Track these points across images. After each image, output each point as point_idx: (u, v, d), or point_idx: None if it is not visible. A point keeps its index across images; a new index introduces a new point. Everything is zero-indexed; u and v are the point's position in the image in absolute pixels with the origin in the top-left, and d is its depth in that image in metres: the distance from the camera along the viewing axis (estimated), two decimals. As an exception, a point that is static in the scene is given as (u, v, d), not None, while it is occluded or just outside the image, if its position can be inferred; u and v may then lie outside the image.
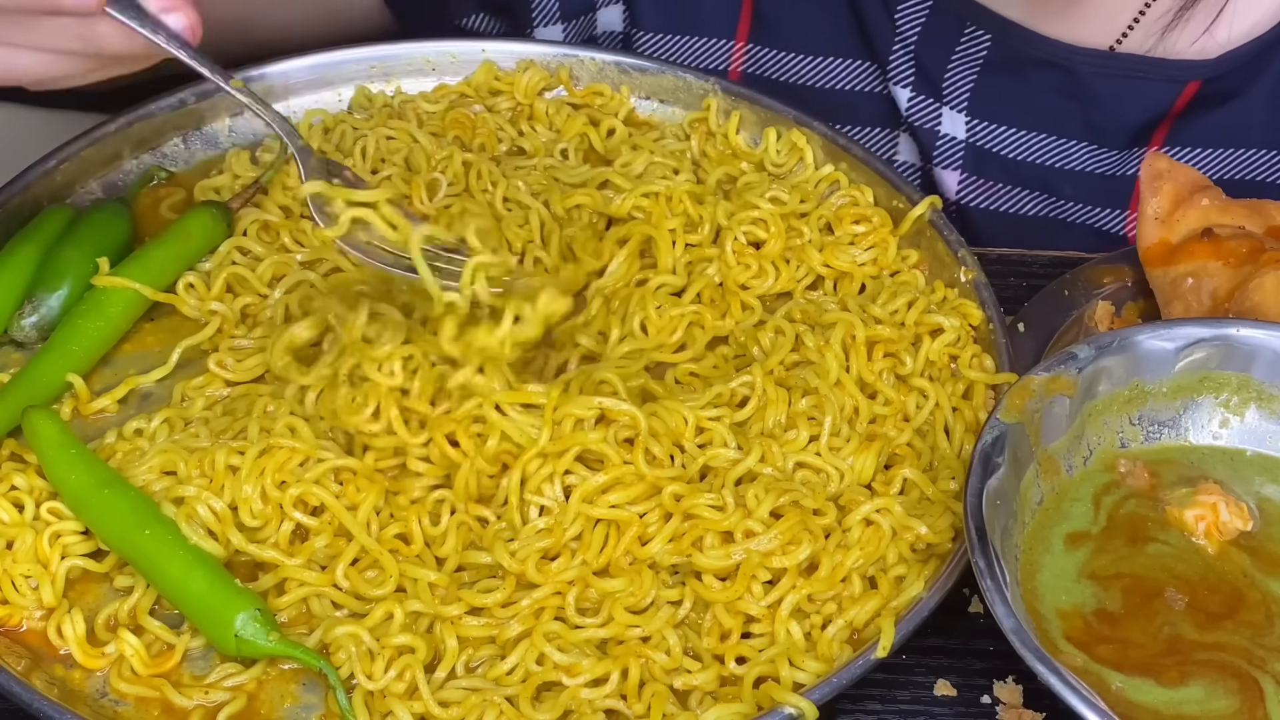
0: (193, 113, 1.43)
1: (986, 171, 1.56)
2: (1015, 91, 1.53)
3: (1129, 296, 1.36)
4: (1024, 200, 1.57)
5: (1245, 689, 1.05)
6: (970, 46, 1.52)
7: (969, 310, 1.31)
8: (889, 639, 1.10)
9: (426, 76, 1.50)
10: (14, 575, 1.13)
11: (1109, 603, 1.10)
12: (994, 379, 1.27)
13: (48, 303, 1.28)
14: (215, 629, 1.10)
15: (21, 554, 1.14)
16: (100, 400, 1.25)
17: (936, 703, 1.14)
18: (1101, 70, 1.49)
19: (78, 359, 1.25)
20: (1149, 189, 1.33)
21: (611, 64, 1.50)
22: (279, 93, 1.46)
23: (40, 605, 1.13)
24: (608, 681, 1.10)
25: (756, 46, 1.60)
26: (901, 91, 1.55)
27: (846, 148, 1.43)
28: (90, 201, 1.38)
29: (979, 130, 1.54)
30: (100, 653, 1.11)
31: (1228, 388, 1.20)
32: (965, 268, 1.34)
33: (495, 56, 1.50)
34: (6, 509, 1.15)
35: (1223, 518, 1.14)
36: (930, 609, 1.12)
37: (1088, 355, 1.17)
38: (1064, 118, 1.52)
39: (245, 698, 1.10)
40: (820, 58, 1.58)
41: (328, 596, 1.14)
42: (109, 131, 1.39)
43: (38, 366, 1.24)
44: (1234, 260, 1.27)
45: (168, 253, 1.32)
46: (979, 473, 1.10)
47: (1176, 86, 1.49)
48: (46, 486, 1.17)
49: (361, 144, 1.42)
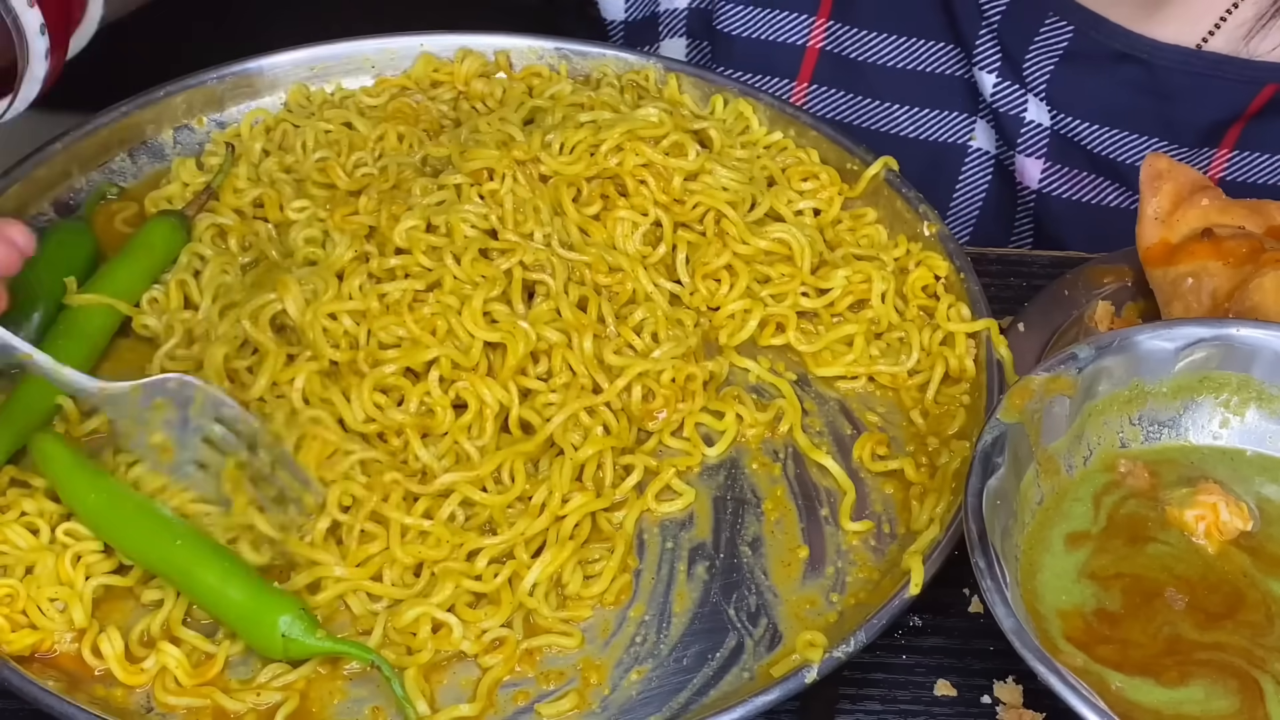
0: (135, 126, 1.43)
1: (1071, 160, 1.56)
2: (1092, 84, 1.52)
3: (1129, 296, 1.36)
4: (1107, 191, 1.56)
5: (1245, 689, 1.05)
6: (1051, 36, 1.52)
7: (934, 262, 1.34)
8: (919, 576, 1.12)
9: (366, 74, 1.50)
10: (40, 600, 1.13)
11: (1109, 603, 1.10)
12: (971, 326, 1.30)
13: (25, 328, 1.27)
14: (259, 633, 1.10)
15: (44, 578, 1.13)
16: (90, 422, 1.24)
17: (936, 703, 1.15)
18: (1180, 67, 1.49)
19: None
20: (1149, 189, 1.33)
21: (551, 50, 1.51)
22: (217, 100, 1.46)
23: (71, 627, 1.13)
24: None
25: (838, 24, 1.58)
26: (987, 76, 1.54)
27: (795, 116, 1.45)
28: (45, 222, 1.37)
29: (1062, 120, 1.54)
30: (140, 668, 1.11)
31: (1228, 388, 1.20)
32: (928, 222, 1.36)
33: (433, 49, 1.50)
34: (22, 535, 1.15)
35: (1223, 518, 1.14)
36: (950, 549, 1.15)
37: (1088, 355, 1.17)
38: (1138, 113, 1.52)
39: (298, 697, 1.10)
40: (903, 38, 1.58)
41: (365, 590, 1.15)
42: (55, 150, 1.39)
43: (26, 392, 1.22)
44: (1234, 260, 1.27)
45: (134, 266, 1.32)
46: (979, 473, 1.10)
47: (1253, 88, 1.49)
48: (58, 509, 1.17)
49: (301, 139, 1.42)
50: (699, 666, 1.14)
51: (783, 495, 1.24)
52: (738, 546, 1.21)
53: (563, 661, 1.14)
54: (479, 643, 1.14)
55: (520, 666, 1.13)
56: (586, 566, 1.18)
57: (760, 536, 1.22)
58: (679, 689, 1.13)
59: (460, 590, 1.15)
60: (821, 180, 1.41)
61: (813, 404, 1.30)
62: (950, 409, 1.29)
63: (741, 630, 1.16)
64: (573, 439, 1.22)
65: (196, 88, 1.45)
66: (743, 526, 1.23)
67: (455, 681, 1.13)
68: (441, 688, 1.12)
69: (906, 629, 1.18)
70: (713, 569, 1.20)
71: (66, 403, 1.23)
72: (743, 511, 1.23)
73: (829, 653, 1.10)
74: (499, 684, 1.12)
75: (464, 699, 1.11)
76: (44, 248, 1.30)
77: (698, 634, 1.16)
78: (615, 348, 1.27)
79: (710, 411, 1.28)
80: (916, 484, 1.24)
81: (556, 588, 1.17)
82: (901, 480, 1.25)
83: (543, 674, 1.13)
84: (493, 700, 1.12)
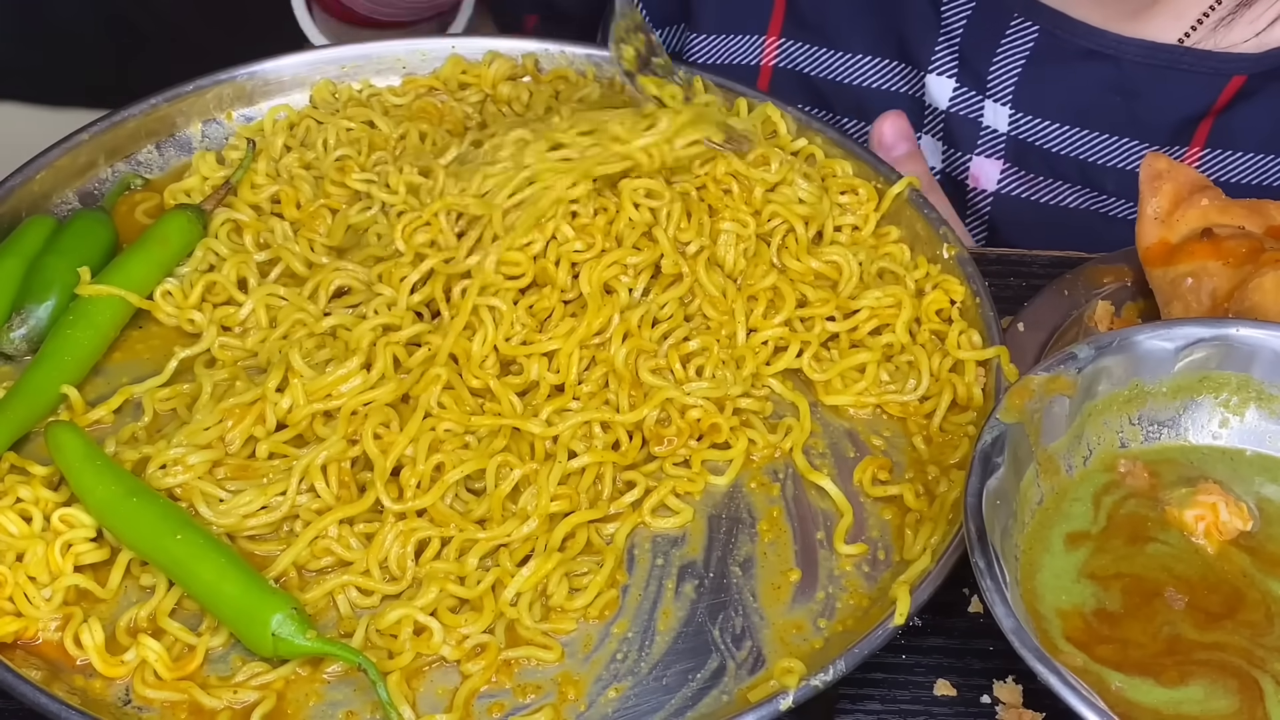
0: (164, 118, 1.43)
1: (1028, 164, 1.56)
2: (1061, 84, 1.53)
3: (1129, 296, 1.36)
4: (1065, 193, 1.57)
5: (1245, 689, 1.05)
6: (1018, 37, 1.52)
7: (951, 286, 1.32)
8: (905, 606, 1.10)
9: (396, 74, 1.50)
10: (26, 587, 1.13)
11: (1109, 603, 1.10)
12: (982, 354, 1.28)
13: (36, 314, 1.28)
14: (251, 631, 1.10)
15: (34, 565, 1.13)
16: (95, 411, 1.24)
17: (936, 703, 1.14)
18: (1148, 61, 1.49)
19: (70, 370, 1.25)
20: (1149, 189, 1.33)
21: (581, 55, 1.50)
22: (249, 95, 1.47)
23: (55, 615, 1.13)
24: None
25: (788, 40, 1.60)
26: (946, 82, 1.55)
27: (820, 129, 1.43)
28: (68, 211, 1.38)
29: (1022, 123, 1.55)
30: (120, 660, 1.11)
31: (1227, 388, 1.20)
32: (948, 244, 1.34)
33: (464, 52, 1.51)
34: (15, 522, 1.15)
35: (1222, 518, 1.14)
36: (940, 580, 1.13)
37: (1088, 355, 1.17)
38: (1108, 111, 1.53)
39: (275, 697, 1.10)
40: (852, 54, 1.59)
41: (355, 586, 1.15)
42: (83, 140, 1.39)
43: (32, 380, 1.24)
44: (1234, 260, 1.27)
45: (147, 258, 1.32)
46: (979, 473, 1.10)
47: (1221, 80, 1.49)
48: (53, 497, 1.17)
49: (323, 136, 1.43)
50: (679, 687, 1.12)
51: (779, 516, 1.23)
52: (729, 566, 1.19)
53: (541, 674, 1.13)
54: (460, 648, 1.12)
55: (498, 677, 1.12)
56: (573, 579, 1.17)
57: (753, 557, 1.20)
58: (656, 709, 1.11)
59: (444, 594, 1.14)
60: (860, 196, 1.39)
61: (818, 425, 1.28)
62: (954, 438, 1.26)
63: (725, 652, 1.14)
64: (576, 446, 1.22)
65: (227, 82, 1.46)
66: (736, 546, 1.21)
67: (433, 689, 1.12)
68: (419, 694, 1.11)
69: (907, 629, 1.17)
70: (701, 588, 1.18)
71: (72, 392, 1.23)
72: (737, 531, 1.22)
73: (805, 681, 1.08)
74: (476, 694, 1.11)
75: (441, 708, 1.10)
76: (63, 236, 1.32)
77: (680, 654, 1.14)
78: (654, 366, 1.26)
79: (718, 445, 1.26)
80: (914, 511, 1.22)
81: (541, 598, 1.16)
82: (901, 506, 1.23)
83: (520, 686, 1.12)
84: (469, 711, 1.10)
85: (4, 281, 1.29)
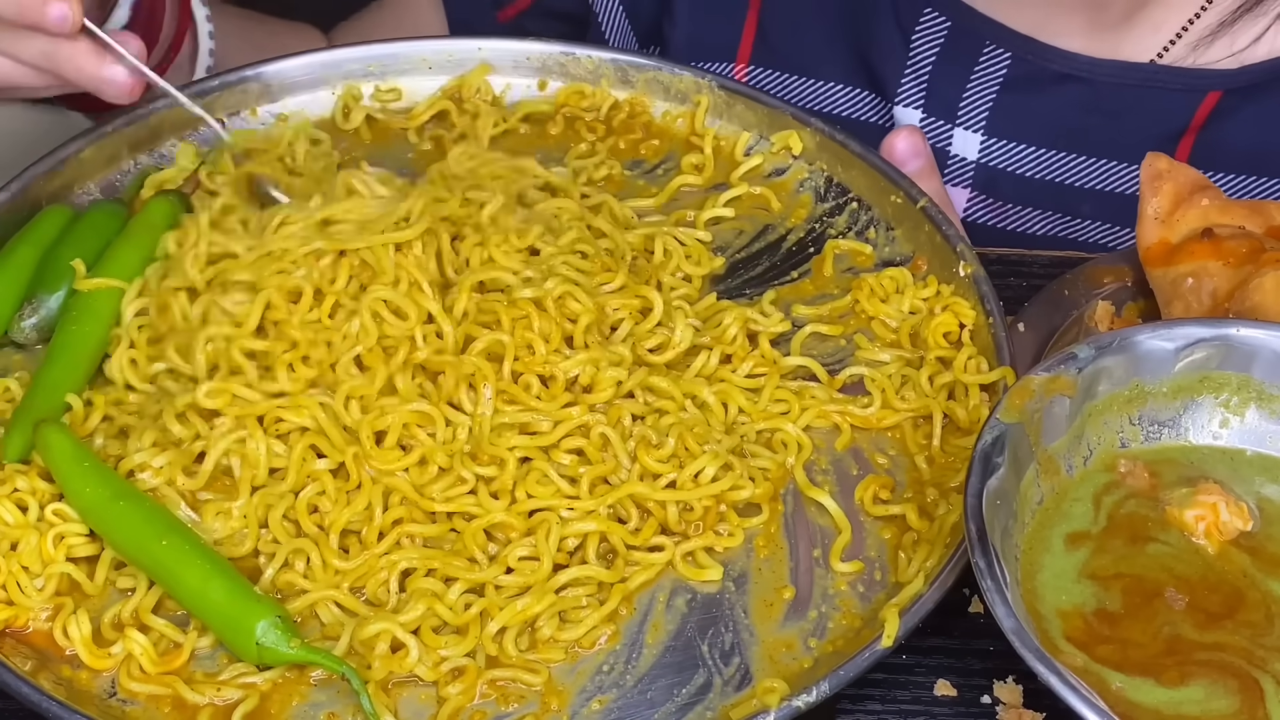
0: (189, 115, 1.43)
1: (996, 191, 1.57)
2: (1035, 109, 1.53)
3: (1129, 296, 1.35)
4: (1033, 219, 1.58)
5: (1245, 689, 1.05)
6: (990, 64, 1.53)
7: (962, 310, 1.31)
8: (893, 629, 1.09)
9: (423, 75, 1.50)
10: (19, 576, 1.13)
11: (1109, 603, 1.10)
12: (987, 378, 1.26)
13: (47, 304, 1.28)
14: (236, 637, 1.10)
15: (27, 555, 1.14)
16: (92, 420, 1.23)
17: (936, 703, 1.14)
18: (1120, 80, 1.50)
19: (80, 366, 1.25)
20: (1149, 189, 1.33)
21: (608, 61, 1.49)
22: (275, 91, 1.46)
23: (46, 605, 1.13)
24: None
25: (756, 68, 1.60)
26: (912, 113, 1.55)
27: (844, 143, 1.41)
28: (88, 202, 1.38)
29: (994, 149, 1.55)
30: (106, 653, 1.11)
31: (1228, 388, 1.20)
32: (964, 262, 1.32)
33: (491, 56, 1.50)
34: (11, 511, 1.15)
35: (1223, 518, 1.14)
36: (932, 604, 1.11)
37: (1088, 355, 1.17)
38: (1084, 134, 1.53)
39: (258, 696, 1.09)
40: (819, 82, 1.59)
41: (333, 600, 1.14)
42: (106, 133, 1.40)
43: (43, 381, 1.23)
44: (1234, 260, 1.27)
45: (138, 245, 1.31)
46: (979, 473, 1.10)
47: (1197, 96, 1.49)
48: (50, 488, 1.17)
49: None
50: (663, 701, 1.10)
51: (776, 533, 1.21)
52: (722, 581, 1.18)
53: (524, 684, 1.12)
54: (435, 670, 1.11)
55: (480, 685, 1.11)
56: (568, 614, 1.15)
57: (747, 573, 1.18)
58: (638, 723, 1.10)
59: (429, 614, 1.12)
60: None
61: (823, 440, 1.27)
62: (957, 461, 1.24)
63: (712, 668, 1.13)
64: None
65: (252, 79, 1.46)
66: (730, 561, 1.19)
67: (415, 696, 1.11)
68: (402, 700, 1.10)
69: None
70: (693, 602, 1.16)
71: (76, 401, 1.23)
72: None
73: (787, 701, 1.07)
74: (460, 711, 1.10)
75: (424, 717, 1.09)
76: (78, 227, 1.33)
77: (667, 668, 1.13)
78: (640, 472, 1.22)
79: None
80: (914, 531, 1.20)
81: (528, 630, 1.14)
82: (901, 526, 1.21)
83: (502, 694, 1.11)
84: None
85: (19, 270, 1.29)
